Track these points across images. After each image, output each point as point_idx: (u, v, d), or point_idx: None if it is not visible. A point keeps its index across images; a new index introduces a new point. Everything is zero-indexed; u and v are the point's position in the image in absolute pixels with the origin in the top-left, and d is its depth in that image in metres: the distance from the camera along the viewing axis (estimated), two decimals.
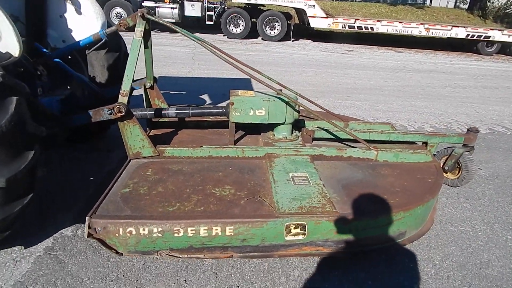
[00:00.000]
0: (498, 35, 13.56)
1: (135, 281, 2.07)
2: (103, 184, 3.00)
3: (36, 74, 2.64)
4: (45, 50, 2.90)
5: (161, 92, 3.28)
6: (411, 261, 2.38)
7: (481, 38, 13.69)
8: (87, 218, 1.80)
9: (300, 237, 1.94)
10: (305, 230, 1.92)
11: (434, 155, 2.97)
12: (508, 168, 3.91)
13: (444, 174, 3.13)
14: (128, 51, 3.11)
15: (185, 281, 2.10)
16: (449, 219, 2.88)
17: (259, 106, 2.70)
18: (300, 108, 2.80)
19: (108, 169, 3.30)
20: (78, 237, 2.40)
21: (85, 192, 2.92)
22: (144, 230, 1.82)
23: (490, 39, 13.66)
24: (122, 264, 2.18)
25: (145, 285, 2.05)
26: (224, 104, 5.43)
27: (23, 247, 2.28)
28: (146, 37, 2.74)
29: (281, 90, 2.75)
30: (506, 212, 3.04)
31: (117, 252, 1.89)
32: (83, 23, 2.95)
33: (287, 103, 2.73)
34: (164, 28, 13.29)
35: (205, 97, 5.94)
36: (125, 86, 2.38)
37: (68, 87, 3.01)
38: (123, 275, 2.11)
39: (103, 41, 2.76)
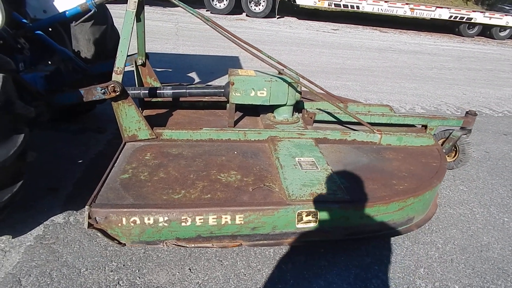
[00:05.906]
0: (480, 17, 13.74)
1: (137, 271, 1.97)
2: (91, 167, 2.85)
3: (16, 47, 2.39)
4: (24, 20, 2.63)
5: None
6: (415, 244, 2.38)
7: (464, 20, 13.82)
8: (86, 207, 1.65)
9: (312, 224, 1.87)
10: (317, 217, 1.86)
11: None
12: (498, 150, 3.97)
13: None
14: (116, 24, 2.88)
15: (190, 269, 2.02)
16: (448, 202, 2.90)
17: (261, 87, 2.57)
18: (303, 89, 2.68)
19: (97, 150, 3.13)
20: (71, 224, 2.26)
21: (73, 175, 2.74)
22: (149, 219, 1.69)
23: (472, 20, 13.82)
24: (121, 253, 2.07)
25: (148, 274, 1.96)
26: (217, 82, 5.28)
27: (11, 236, 2.12)
28: (139, 9, 2.52)
29: (283, 70, 2.62)
30: (500, 194, 3.09)
31: (119, 243, 1.76)
32: None
33: (289, 83, 2.61)
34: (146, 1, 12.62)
35: (193, 74, 5.72)
36: (119, 63, 2.19)
37: (50, 62, 2.77)
38: (123, 265, 2.00)
39: (91, 12, 2.51)
